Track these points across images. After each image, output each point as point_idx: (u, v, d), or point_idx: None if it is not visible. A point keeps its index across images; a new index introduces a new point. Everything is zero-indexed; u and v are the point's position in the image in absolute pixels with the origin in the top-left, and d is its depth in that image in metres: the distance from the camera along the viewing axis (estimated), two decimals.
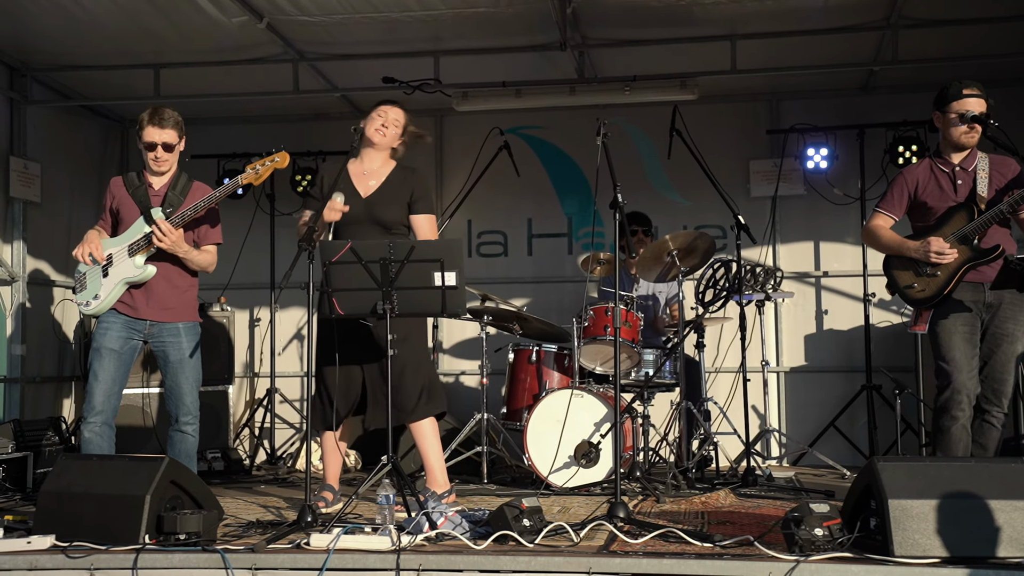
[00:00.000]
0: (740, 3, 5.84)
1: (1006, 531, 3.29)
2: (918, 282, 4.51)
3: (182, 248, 4.63)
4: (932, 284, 4.47)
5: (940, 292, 4.44)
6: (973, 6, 5.90)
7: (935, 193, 4.54)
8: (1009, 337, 4.42)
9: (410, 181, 4.83)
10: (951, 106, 4.51)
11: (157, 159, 4.70)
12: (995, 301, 4.44)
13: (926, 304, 4.50)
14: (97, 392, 4.57)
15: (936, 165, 4.59)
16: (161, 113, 4.69)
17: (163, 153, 4.70)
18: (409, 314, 4.37)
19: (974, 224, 4.41)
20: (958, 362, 4.36)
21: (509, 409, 6.04)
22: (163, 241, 4.55)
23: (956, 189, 4.51)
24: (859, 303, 7.10)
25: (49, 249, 7.20)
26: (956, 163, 4.54)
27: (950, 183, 4.53)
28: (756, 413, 6.81)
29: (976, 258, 4.42)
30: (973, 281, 4.45)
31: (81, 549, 3.61)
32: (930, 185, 4.56)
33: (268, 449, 7.46)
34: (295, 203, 7.68)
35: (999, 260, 4.39)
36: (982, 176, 4.48)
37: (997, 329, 4.44)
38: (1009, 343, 4.42)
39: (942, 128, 4.58)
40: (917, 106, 6.93)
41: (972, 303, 4.44)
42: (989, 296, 4.44)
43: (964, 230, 4.42)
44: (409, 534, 3.66)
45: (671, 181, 7.59)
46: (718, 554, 3.44)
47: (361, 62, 6.73)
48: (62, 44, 6.42)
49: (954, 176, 4.53)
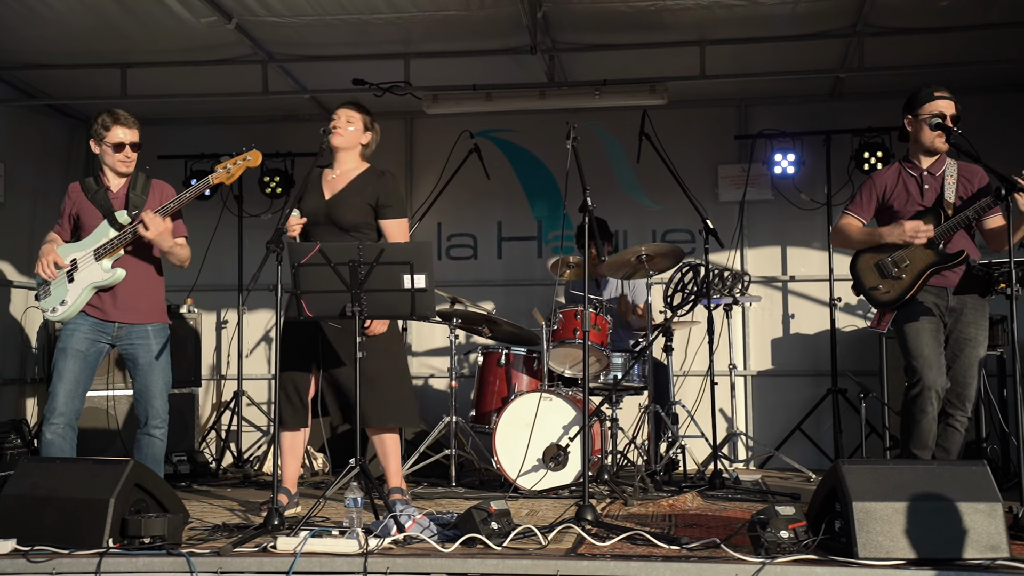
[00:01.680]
0: (709, 9, 5.89)
1: (969, 533, 3.33)
2: (883, 283, 4.54)
3: (167, 242, 4.58)
4: (897, 286, 4.50)
5: (904, 294, 4.48)
6: (938, 15, 5.98)
7: (902, 197, 4.57)
8: (972, 342, 4.47)
9: (375, 185, 4.72)
10: (923, 108, 4.52)
11: (127, 159, 4.68)
12: (957, 306, 4.49)
13: (890, 306, 4.54)
14: (60, 393, 4.52)
15: (905, 169, 4.62)
16: (123, 113, 4.70)
17: (132, 152, 4.69)
18: (378, 316, 4.36)
19: (940, 229, 4.44)
20: (928, 359, 4.39)
21: (478, 412, 6.03)
22: (150, 231, 4.49)
23: (923, 194, 4.54)
24: (825, 307, 7.17)
25: (11, 250, 7.10)
26: (925, 168, 4.57)
27: (917, 187, 4.56)
28: (723, 416, 6.85)
29: (941, 262, 4.46)
30: (937, 285, 4.49)
31: (43, 554, 3.56)
32: (898, 188, 4.59)
33: (235, 452, 7.40)
34: (263, 204, 7.66)
35: (963, 265, 4.45)
36: (950, 182, 4.51)
37: (960, 334, 4.49)
38: (972, 348, 4.47)
39: (912, 132, 4.59)
40: (883, 113, 7.03)
41: (935, 306, 4.49)
42: (952, 301, 4.49)
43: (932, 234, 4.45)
44: (377, 537, 3.65)
45: (640, 185, 7.63)
46: (685, 556, 3.46)
47: (331, 64, 6.71)
48: (27, 42, 6.34)
49: (922, 181, 4.56)
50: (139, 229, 4.52)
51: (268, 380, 7.76)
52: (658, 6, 5.83)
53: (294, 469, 4.81)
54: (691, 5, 5.81)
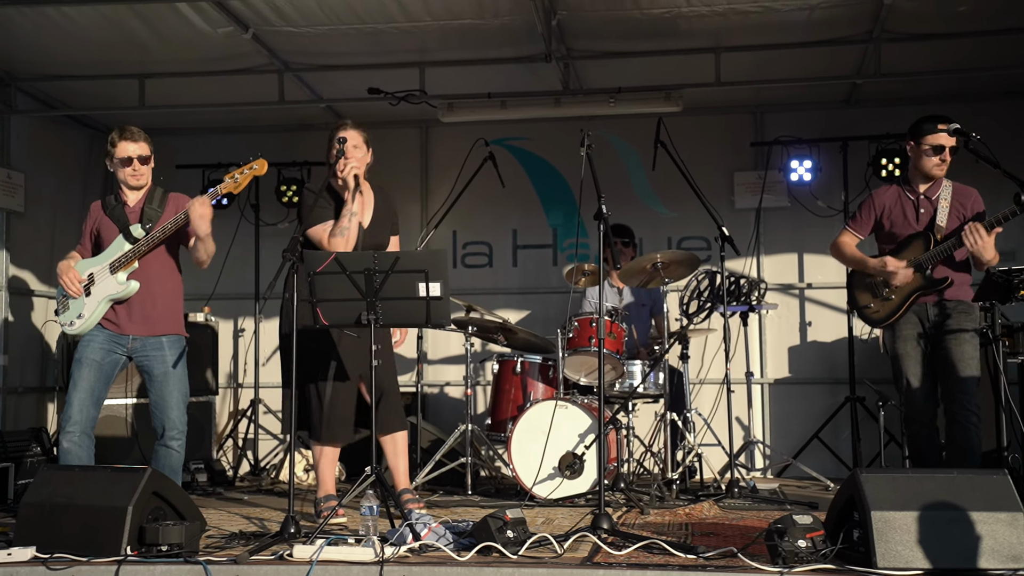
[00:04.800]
0: (724, 16, 5.88)
1: (987, 543, 3.30)
2: (874, 303, 4.92)
3: (205, 226, 4.57)
4: (886, 307, 4.86)
5: (891, 315, 4.85)
6: (956, 20, 5.96)
7: (899, 219, 4.85)
8: (957, 338, 4.68)
9: (389, 205, 5.01)
10: (925, 139, 4.75)
11: (136, 172, 4.72)
12: (940, 314, 4.76)
13: (879, 324, 4.95)
14: (75, 402, 4.57)
15: (904, 191, 4.88)
16: (130, 128, 4.75)
17: (140, 166, 4.72)
18: (394, 325, 4.37)
19: (928, 255, 4.73)
20: (914, 389, 4.76)
21: (493, 420, 6.03)
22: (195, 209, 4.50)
23: (918, 217, 4.80)
24: (843, 315, 7.13)
25: (32, 259, 7.16)
26: (922, 192, 4.83)
27: (914, 211, 4.82)
28: (740, 425, 6.82)
29: (927, 287, 4.77)
30: (920, 303, 4.81)
31: (62, 561, 3.58)
32: (895, 210, 4.86)
33: (251, 460, 7.42)
34: (280, 213, 7.69)
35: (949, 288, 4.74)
36: (943, 205, 4.76)
37: (947, 331, 4.72)
38: (958, 343, 4.68)
39: (913, 158, 4.86)
40: (900, 119, 6.95)
41: (919, 321, 4.80)
42: (933, 313, 4.77)
43: (920, 259, 4.72)
44: (392, 545, 3.65)
45: (656, 193, 7.62)
46: (702, 566, 3.44)
47: (346, 73, 6.73)
48: (47, 54, 6.40)
49: (918, 204, 4.81)
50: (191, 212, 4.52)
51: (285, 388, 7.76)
52: (673, 13, 5.83)
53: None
54: (706, 12, 5.81)
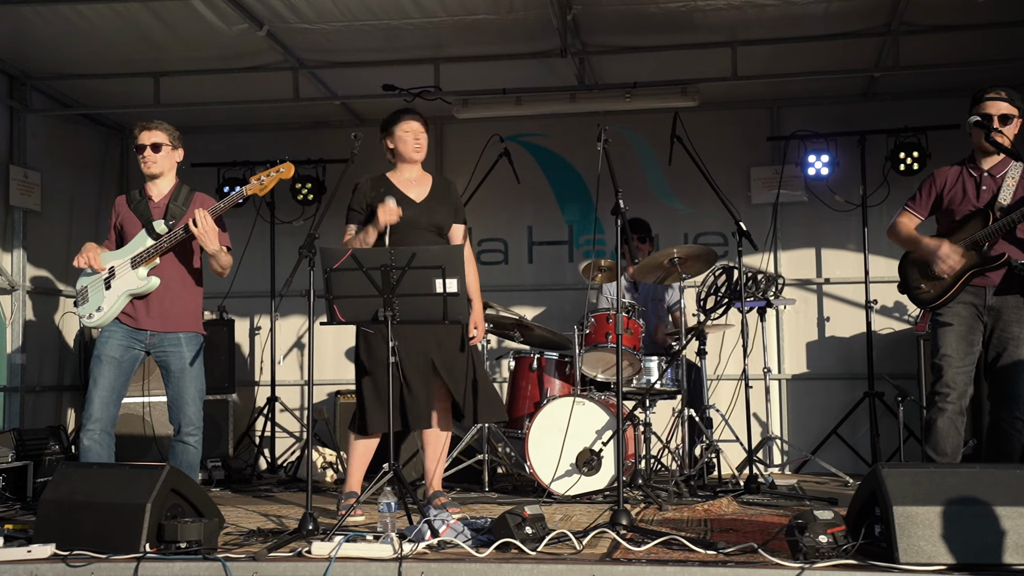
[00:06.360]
0: (741, 9, 5.84)
1: (1011, 537, 3.26)
2: (925, 283, 4.63)
3: (213, 242, 4.60)
4: (938, 286, 4.57)
5: (943, 294, 4.55)
6: (974, 12, 5.90)
7: (958, 197, 4.59)
8: (1015, 340, 4.45)
9: (453, 191, 5.01)
10: (975, 109, 4.55)
11: (146, 160, 4.75)
12: (998, 305, 4.49)
13: (929, 305, 4.63)
14: (96, 399, 4.57)
15: (967, 169, 4.62)
16: (150, 120, 4.80)
17: (151, 153, 4.74)
18: (410, 321, 4.36)
19: (986, 231, 4.46)
20: (950, 357, 4.46)
21: (510, 417, 6.02)
22: (197, 227, 4.52)
23: (979, 195, 4.54)
24: (861, 310, 7.08)
25: (49, 258, 7.19)
26: (985, 169, 4.57)
27: (975, 188, 4.56)
28: (758, 420, 6.79)
29: (981, 264, 4.48)
30: (977, 285, 4.51)
31: (82, 558, 3.59)
32: (956, 188, 4.60)
33: (268, 458, 7.44)
34: (295, 211, 7.69)
35: (1004, 267, 4.44)
36: (1009, 183, 4.50)
37: (1003, 332, 4.48)
38: (1015, 346, 4.45)
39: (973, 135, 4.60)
40: (918, 112, 6.95)
41: (973, 306, 4.51)
42: (991, 300, 4.49)
43: (976, 236, 4.48)
44: (411, 542, 3.64)
45: (672, 188, 7.58)
46: (722, 561, 3.42)
47: (361, 69, 6.73)
48: (62, 53, 6.42)
49: (980, 181, 4.56)
50: (188, 224, 4.57)
51: (301, 386, 7.78)
52: (689, 7, 5.79)
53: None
54: (722, 6, 5.77)
